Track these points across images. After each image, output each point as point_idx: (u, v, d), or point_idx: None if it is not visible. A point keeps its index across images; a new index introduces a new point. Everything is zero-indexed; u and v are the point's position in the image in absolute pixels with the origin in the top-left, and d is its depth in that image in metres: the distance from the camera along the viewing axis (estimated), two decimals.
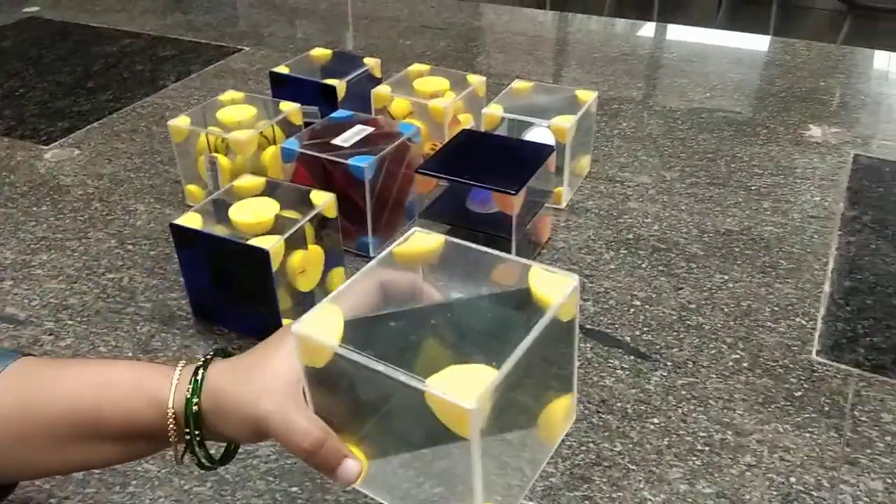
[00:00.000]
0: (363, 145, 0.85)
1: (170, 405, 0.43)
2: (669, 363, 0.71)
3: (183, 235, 0.72)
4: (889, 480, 0.59)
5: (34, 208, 0.98)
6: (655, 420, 0.65)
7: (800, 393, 0.68)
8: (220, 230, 0.72)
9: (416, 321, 0.43)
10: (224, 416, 0.43)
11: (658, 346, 0.73)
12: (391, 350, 0.39)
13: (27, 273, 0.86)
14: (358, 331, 0.40)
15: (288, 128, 0.94)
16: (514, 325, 0.38)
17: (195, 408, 0.43)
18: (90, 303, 0.81)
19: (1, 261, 0.88)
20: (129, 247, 0.90)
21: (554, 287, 0.40)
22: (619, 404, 0.67)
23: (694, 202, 0.96)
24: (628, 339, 0.74)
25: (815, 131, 1.13)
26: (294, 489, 0.60)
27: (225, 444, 0.49)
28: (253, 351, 0.44)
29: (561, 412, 0.44)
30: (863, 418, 0.65)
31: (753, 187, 0.99)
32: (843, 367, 0.71)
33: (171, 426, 0.43)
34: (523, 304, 0.40)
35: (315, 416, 0.41)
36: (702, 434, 0.64)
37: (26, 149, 1.13)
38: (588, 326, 0.76)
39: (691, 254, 0.87)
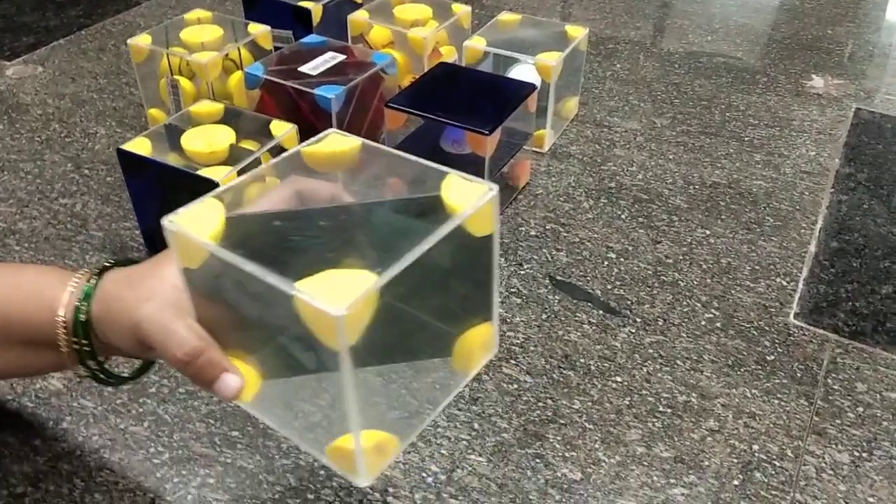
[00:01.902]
0: (333, 74, 0.80)
1: (60, 312, 0.41)
2: (639, 320, 0.68)
3: (131, 162, 0.68)
4: (856, 453, 0.57)
5: None
6: (618, 378, 0.62)
7: (772, 357, 0.65)
8: (172, 158, 0.68)
9: (305, 223, 0.39)
10: (111, 323, 0.41)
11: (629, 302, 0.70)
12: (272, 252, 0.35)
13: None
14: (239, 229, 0.36)
15: (257, 52, 0.89)
16: (415, 233, 0.34)
17: (83, 316, 0.41)
18: (40, 228, 0.77)
19: None
20: (86, 171, 0.86)
21: (467, 195, 0.36)
22: (582, 360, 0.64)
23: (683, 151, 0.92)
24: (599, 292, 0.71)
25: (818, 82, 1.07)
26: (235, 433, 0.57)
27: (141, 362, 0.48)
28: (152, 258, 0.41)
29: (476, 342, 0.40)
30: (836, 387, 0.62)
31: (746, 138, 0.94)
32: (820, 331, 0.67)
33: (61, 334, 0.42)
34: (431, 212, 0.36)
35: (197, 326, 0.38)
36: (665, 395, 0.61)
37: None
38: (559, 278, 0.72)
39: (674, 206, 0.83)
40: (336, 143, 0.41)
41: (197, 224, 0.35)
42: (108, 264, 0.43)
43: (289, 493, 0.53)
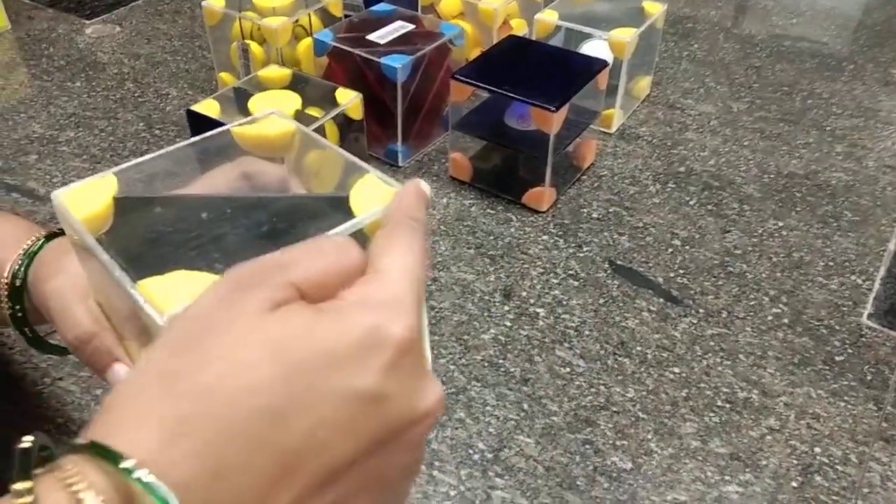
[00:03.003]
0: (400, 44, 0.79)
1: (4, 274, 0.41)
2: (702, 310, 0.66)
3: (198, 122, 0.69)
4: None
5: (68, 83, 0.96)
6: (676, 369, 0.61)
7: (841, 358, 0.62)
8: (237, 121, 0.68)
9: (186, 213, 0.36)
10: (35, 290, 0.40)
11: (692, 291, 0.68)
12: (139, 241, 0.33)
13: (53, 149, 0.84)
14: (122, 212, 0.34)
15: (327, 19, 0.88)
16: (299, 237, 0.31)
17: (18, 281, 0.40)
18: None
19: (29, 133, 0.87)
20: (157, 131, 0.88)
21: (376, 199, 0.33)
22: (638, 348, 0.62)
23: (759, 138, 0.88)
24: (661, 280, 0.69)
25: None
26: None
27: None
28: None
29: None
30: None
31: (828, 128, 0.90)
32: (894, 334, 0.64)
33: (3, 295, 0.41)
34: (333, 213, 0.33)
35: (96, 309, 0.37)
36: (724, 390, 0.59)
37: (69, 22, 1.10)
38: (619, 262, 0.71)
39: (746, 195, 0.79)
40: (272, 125, 0.39)
41: (82, 201, 0.33)
42: (57, 230, 0.42)
43: None
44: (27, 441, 0.22)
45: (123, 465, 0.20)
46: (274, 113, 0.40)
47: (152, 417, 0.21)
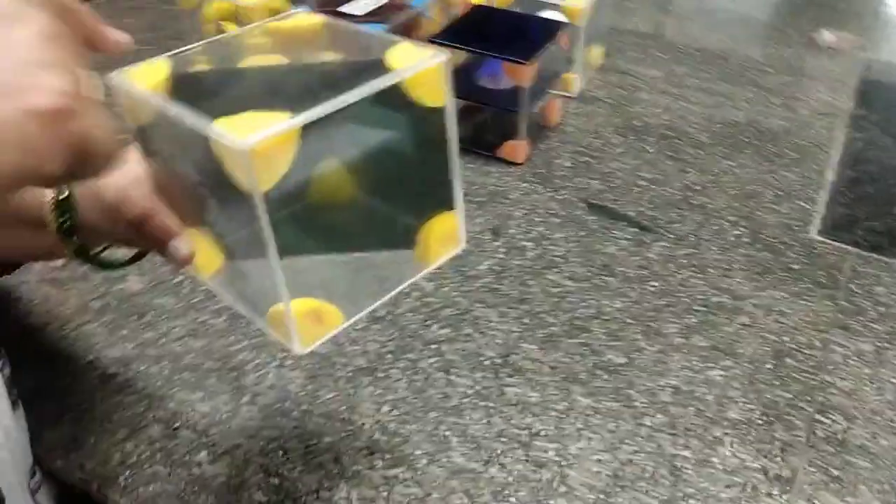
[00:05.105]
0: (376, 15, 0.84)
1: (48, 192, 0.42)
2: (672, 236, 0.73)
3: None
4: (878, 343, 0.62)
5: None
6: (655, 283, 0.67)
7: (797, 266, 0.69)
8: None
9: (242, 79, 0.39)
10: (84, 198, 0.42)
11: (661, 221, 0.75)
12: (202, 101, 0.34)
13: None
14: (180, 85, 0.37)
15: (298, 1, 0.93)
16: (349, 88, 0.32)
17: (65, 192, 0.42)
18: None
19: None
20: None
21: (412, 59, 0.34)
22: (620, 269, 0.69)
23: (704, 96, 0.96)
24: (632, 213, 0.76)
25: (829, 36, 1.12)
26: None
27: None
28: None
29: (436, 233, 0.39)
30: (857, 291, 0.67)
31: (763, 85, 0.99)
32: (841, 245, 0.72)
33: (48, 213, 0.43)
34: (373, 74, 0.34)
35: (151, 194, 0.40)
36: (699, 297, 0.66)
37: None
38: (593, 202, 0.77)
39: (699, 141, 0.87)
40: (302, 19, 0.41)
41: (140, 79, 0.36)
42: None
43: (360, 372, 0.57)
44: None
45: None
46: (300, 10, 0.42)
47: None
